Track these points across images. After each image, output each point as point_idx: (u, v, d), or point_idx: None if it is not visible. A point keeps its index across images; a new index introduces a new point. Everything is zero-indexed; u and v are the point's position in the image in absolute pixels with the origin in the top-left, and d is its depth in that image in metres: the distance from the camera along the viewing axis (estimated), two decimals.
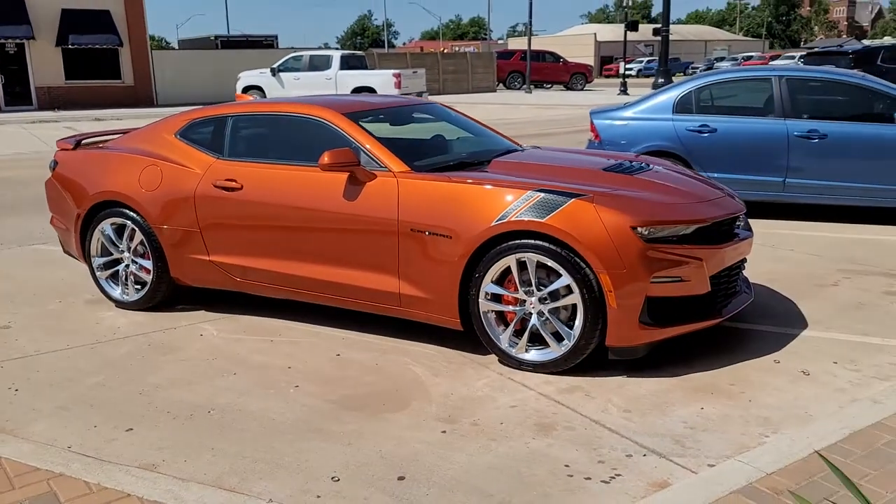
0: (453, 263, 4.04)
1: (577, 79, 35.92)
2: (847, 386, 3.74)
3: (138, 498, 2.76)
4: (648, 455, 3.13)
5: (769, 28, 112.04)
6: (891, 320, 4.67)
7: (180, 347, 4.51)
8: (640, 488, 2.88)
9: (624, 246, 3.71)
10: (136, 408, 3.69)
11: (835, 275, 5.64)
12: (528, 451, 3.20)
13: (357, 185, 4.33)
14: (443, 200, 4.08)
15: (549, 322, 3.93)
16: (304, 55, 23.37)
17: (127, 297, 5.22)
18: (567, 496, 2.85)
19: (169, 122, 5.24)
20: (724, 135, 7.42)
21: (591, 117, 8.14)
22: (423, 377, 4.00)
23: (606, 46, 70.40)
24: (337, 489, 2.94)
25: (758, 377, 3.87)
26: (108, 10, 27.61)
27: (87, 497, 2.77)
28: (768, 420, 3.41)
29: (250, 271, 4.73)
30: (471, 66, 32.71)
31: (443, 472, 3.05)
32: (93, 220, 5.21)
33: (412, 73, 22.62)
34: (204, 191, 4.79)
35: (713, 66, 59.66)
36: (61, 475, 2.93)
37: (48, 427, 3.48)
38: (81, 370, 4.18)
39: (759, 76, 7.57)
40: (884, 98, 7.10)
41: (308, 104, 4.79)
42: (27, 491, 2.82)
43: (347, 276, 4.41)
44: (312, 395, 3.82)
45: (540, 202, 3.85)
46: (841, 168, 7.05)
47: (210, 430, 3.45)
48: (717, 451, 3.13)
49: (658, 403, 3.61)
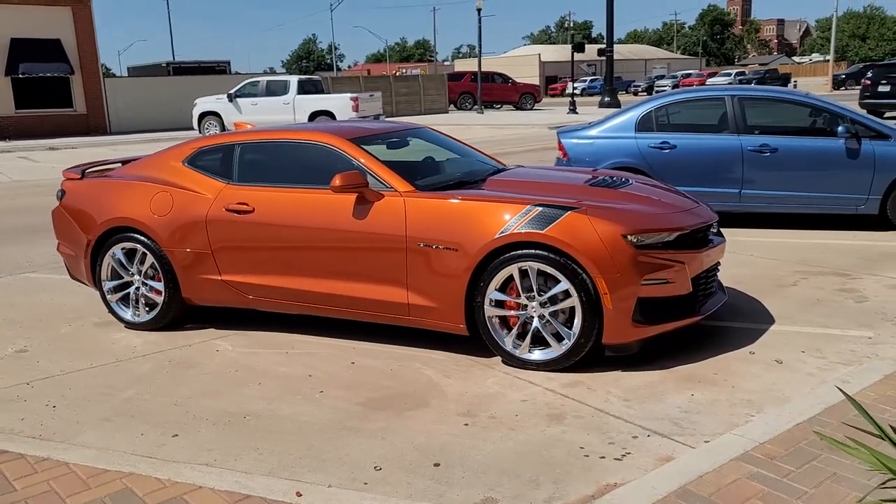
0: (459, 274, 4.41)
1: (526, 99, 36.83)
2: (816, 371, 4.23)
3: (210, 489, 3.05)
4: (652, 436, 3.54)
5: (705, 46, 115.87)
6: (847, 313, 5.20)
7: (200, 362, 4.78)
8: (650, 463, 3.28)
9: (617, 253, 4.15)
10: (175, 417, 3.96)
11: (793, 276, 6.18)
12: (545, 438, 3.58)
13: (365, 205, 4.69)
14: (448, 216, 4.47)
15: (550, 324, 4.34)
16: (261, 81, 23.58)
17: (138, 319, 5.45)
18: (586, 472, 3.24)
19: (175, 151, 5.52)
20: (684, 151, 7.98)
21: (559, 136, 8.64)
22: (436, 379, 4.36)
23: (550, 66, 72.00)
24: (381, 476, 3.27)
25: (737, 367, 4.34)
26: (58, 38, 27.39)
27: (162, 491, 3.05)
28: (751, 402, 3.86)
29: (263, 289, 5.03)
30: (423, 89, 33.32)
31: (473, 458, 3.41)
32: (103, 246, 5.44)
33: (369, 96, 23.03)
34: (215, 214, 5.08)
35: (654, 83, 61.53)
36: (131, 474, 3.20)
37: (98, 437, 3.73)
38: (112, 386, 4.43)
39: (714, 96, 8.17)
40: (826, 114, 7.76)
41: (314, 131, 5.14)
42: (103, 490, 3.09)
43: (358, 289, 4.75)
44: (338, 398, 4.14)
45: (539, 215, 4.27)
46: (791, 179, 7.67)
47: (250, 433, 3.74)
48: (711, 430, 3.56)
49: (653, 392, 4.03)
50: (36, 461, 3.35)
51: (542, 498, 3.04)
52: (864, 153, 7.49)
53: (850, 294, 5.65)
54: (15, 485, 3.15)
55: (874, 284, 5.87)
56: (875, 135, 7.57)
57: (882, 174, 7.47)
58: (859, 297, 5.58)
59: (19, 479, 3.20)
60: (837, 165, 7.56)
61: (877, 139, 7.54)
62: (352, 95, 22.15)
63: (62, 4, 27.35)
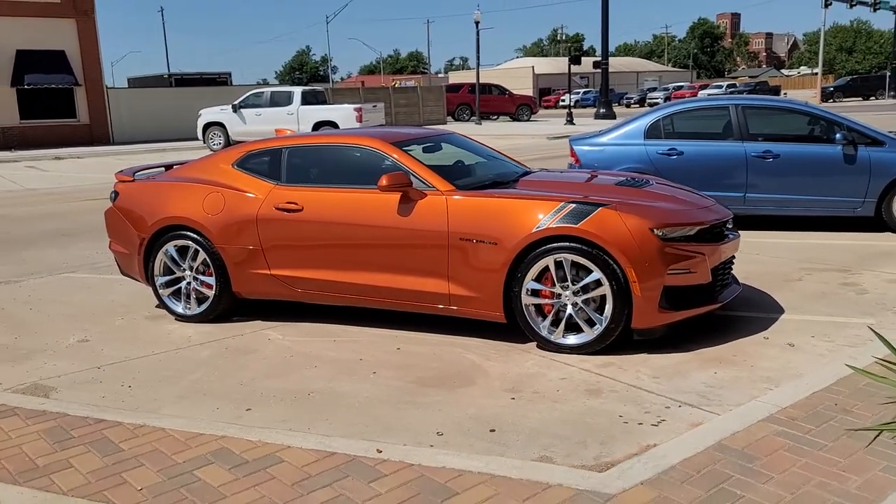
0: (499, 266, 4.81)
1: (522, 110, 37.41)
2: (826, 352, 4.64)
3: (298, 448, 3.43)
4: (683, 406, 3.94)
5: (695, 59, 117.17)
6: (849, 304, 5.63)
7: (255, 349, 5.15)
8: (683, 428, 3.68)
9: (645, 245, 4.56)
10: (244, 395, 4.33)
11: (798, 272, 6.61)
12: (587, 408, 3.98)
13: (409, 203, 5.08)
14: (488, 213, 4.87)
15: (582, 311, 4.74)
16: (265, 92, 24.00)
17: (189, 311, 5.82)
18: (628, 435, 3.63)
19: (224, 155, 5.91)
20: (691, 157, 8.43)
21: (571, 144, 9.07)
22: (478, 362, 4.75)
23: (544, 79, 72.77)
24: (445, 440, 3.65)
25: (753, 349, 4.74)
26: (63, 50, 27.76)
27: (256, 449, 3.43)
28: (770, 378, 4.26)
29: (311, 282, 5.41)
30: (421, 100, 33.84)
31: (524, 425, 3.80)
32: (156, 244, 5.81)
33: (372, 107, 23.48)
34: (266, 213, 5.47)
35: (647, 95, 62.36)
36: (224, 436, 3.57)
37: (178, 410, 4.10)
38: (178, 370, 4.79)
39: (719, 105, 8.63)
40: (824, 122, 8.22)
41: (358, 135, 5.54)
42: (203, 449, 3.46)
43: (402, 281, 5.14)
44: (391, 378, 4.52)
45: (572, 211, 4.68)
46: (792, 183, 8.12)
47: (317, 406, 4.12)
48: (735, 401, 3.96)
49: (679, 371, 4.44)
50: (133, 427, 3.73)
51: (591, 456, 3.43)
52: (860, 159, 7.95)
53: (851, 287, 6.08)
54: (121, 446, 3.52)
55: (873, 279, 6.30)
56: (870, 141, 8.03)
57: (877, 178, 7.92)
58: (860, 290, 6.01)
59: (123, 441, 3.57)
60: (836, 171, 8.02)
61: (872, 146, 8.00)
62: (355, 106, 22.59)
63: (67, 17, 27.74)
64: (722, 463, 3.14)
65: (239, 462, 3.32)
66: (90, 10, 28.29)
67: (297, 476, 3.18)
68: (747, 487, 2.94)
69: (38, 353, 5.20)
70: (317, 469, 3.23)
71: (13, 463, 3.39)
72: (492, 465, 3.24)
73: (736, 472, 3.06)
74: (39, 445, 3.55)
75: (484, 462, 3.27)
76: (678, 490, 2.94)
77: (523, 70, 72.76)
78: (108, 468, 3.31)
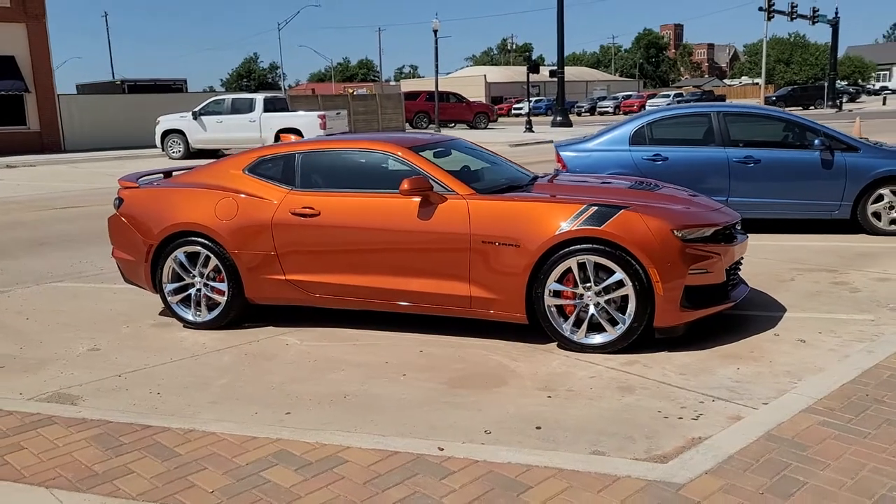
0: (521, 268, 4.90)
1: (480, 118, 37.70)
2: (836, 347, 4.84)
3: (358, 448, 3.45)
4: (716, 401, 4.08)
5: (641, 69, 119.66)
6: (845, 302, 5.88)
7: (276, 355, 5.14)
8: (722, 421, 3.81)
9: (667, 246, 4.70)
10: (278, 399, 4.33)
11: (789, 272, 6.87)
12: (624, 405, 4.08)
13: (429, 207, 5.14)
14: (511, 216, 4.96)
15: (604, 310, 4.86)
16: (226, 98, 23.69)
17: (199, 318, 5.76)
18: (671, 429, 3.75)
19: (235, 160, 5.88)
20: (675, 162, 8.67)
21: (557, 149, 9.24)
22: (504, 362, 4.83)
23: (496, 87, 73.42)
24: (494, 437, 3.71)
25: (768, 346, 4.93)
26: (12, 55, 26.94)
27: (316, 450, 3.44)
28: (791, 373, 4.44)
29: (328, 286, 5.41)
30: (380, 107, 33.83)
31: (567, 422, 3.89)
32: (164, 250, 5.74)
33: (336, 114, 23.39)
34: (281, 218, 5.46)
35: (597, 104, 63.46)
36: (279, 439, 3.57)
37: (216, 415, 4.07)
38: (202, 376, 4.75)
39: (700, 112, 8.90)
40: (803, 129, 8.56)
41: (374, 141, 5.58)
42: (261, 451, 3.45)
43: (422, 284, 5.18)
44: (422, 380, 4.56)
45: (595, 214, 4.80)
46: (773, 187, 8.42)
47: (357, 409, 4.14)
48: (764, 395, 4.12)
49: (703, 368, 4.58)
50: (184, 432, 3.70)
51: (641, 449, 3.53)
52: (836, 164, 8.30)
53: (843, 286, 6.35)
54: (177, 451, 3.49)
55: (861, 278, 6.59)
56: (846, 147, 8.39)
57: (853, 183, 8.28)
58: (852, 288, 6.27)
59: (178, 446, 3.54)
60: (814, 175, 8.34)
61: (847, 151, 8.36)
62: (319, 113, 22.47)
63: (17, 21, 26.97)
64: (776, 452, 3.28)
65: (303, 463, 3.33)
66: (41, 14, 27.56)
67: (366, 475, 3.20)
68: (808, 474, 3.08)
69: (50, 363, 5.09)
70: (384, 468, 3.26)
71: (69, 470, 3.33)
72: (556, 459, 3.32)
73: (792, 461, 3.19)
74: (91, 452, 3.50)
75: (548, 457, 3.34)
76: (742, 478, 3.06)
77: (475, 78, 73.27)
78: (171, 472, 3.28)
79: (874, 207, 8.34)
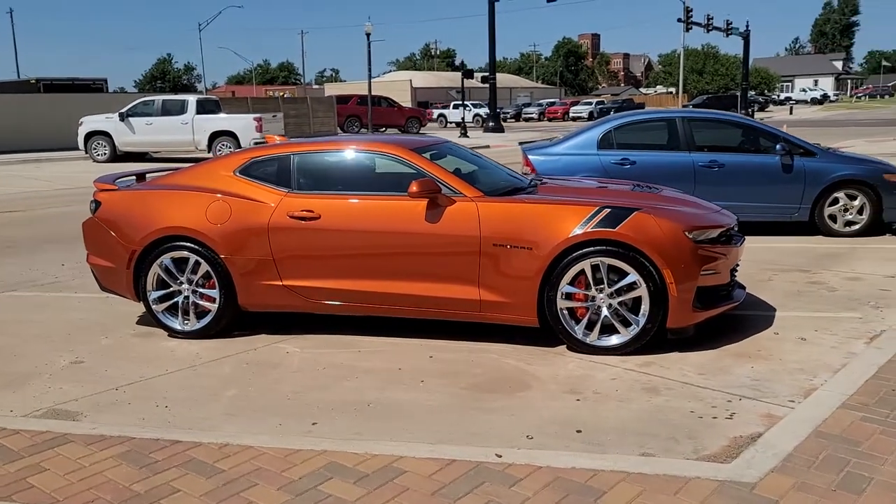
0: (534, 270, 4.86)
1: (412, 122, 37.64)
2: (836, 344, 4.99)
3: (411, 457, 3.32)
4: (743, 399, 4.13)
5: (561, 77, 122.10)
6: (827, 301, 6.08)
7: (279, 363, 4.93)
8: (756, 419, 3.86)
9: (680, 247, 4.75)
10: (299, 409, 4.14)
11: (764, 273, 7.07)
12: (654, 406, 4.09)
13: (437, 210, 5.04)
14: (523, 219, 4.91)
15: (617, 312, 4.87)
16: (156, 100, 22.81)
17: (187, 327, 5.48)
18: (710, 429, 3.77)
19: (225, 161, 5.63)
20: (643, 166, 8.81)
21: (526, 153, 9.26)
22: (520, 366, 4.77)
23: (422, 92, 73.51)
24: (538, 443, 3.65)
25: (772, 345, 5.04)
26: None
27: (369, 461, 3.29)
28: (803, 370, 4.54)
29: (329, 292, 5.23)
30: (311, 111, 33.29)
31: (604, 424, 3.86)
32: (149, 256, 5.44)
33: (272, 116, 22.87)
34: (278, 222, 5.25)
35: (522, 111, 64.35)
36: (324, 451, 3.40)
37: (239, 427, 3.86)
38: (207, 387, 4.51)
39: (666, 117, 9.09)
40: (764, 135, 8.85)
41: (376, 142, 5.45)
42: (310, 464, 3.28)
43: (429, 288, 5.07)
44: (442, 385, 4.46)
45: (608, 215, 4.80)
46: (737, 191, 8.66)
47: (385, 416, 4.00)
48: (787, 392, 4.20)
49: (719, 367, 4.64)
50: (218, 446, 3.49)
51: (689, 450, 3.54)
52: (796, 168, 8.61)
53: (820, 286, 6.57)
54: (218, 466, 3.28)
55: (833, 277, 6.84)
56: (803, 152, 8.72)
57: (811, 187, 8.61)
58: (829, 287, 6.50)
59: (218, 461, 3.33)
60: (775, 179, 8.63)
61: (805, 156, 8.69)
62: (255, 116, 21.93)
63: None
64: (832, 449, 3.33)
65: (359, 475, 3.18)
66: None
67: (431, 485, 3.08)
68: (871, 470, 3.14)
69: (34, 378, 4.75)
70: (446, 477, 3.15)
71: (107, 491, 3.08)
72: (620, 462, 3.28)
73: (851, 457, 3.25)
74: (125, 471, 3.25)
75: (611, 460, 3.30)
76: (810, 475, 3.10)
77: (401, 83, 73.22)
78: (220, 490, 3.08)
79: (830, 210, 8.69)
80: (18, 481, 3.18)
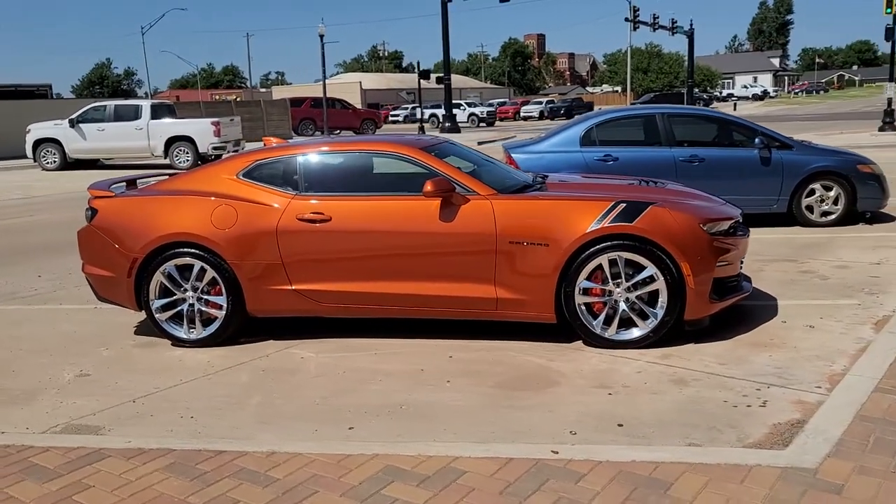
0: (551, 267, 4.86)
1: (367, 124, 37.42)
2: (845, 331, 5.11)
3: (467, 457, 3.28)
4: (771, 387, 4.20)
5: (509, 77, 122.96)
6: (821, 289, 6.22)
7: (297, 369, 4.83)
8: (790, 406, 3.92)
9: (697, 239, 4.81)
10: (331, 414, 4.06)
11: (754, 264, 7.20)
12: (686, 397, 4.12)
13: (451, 209, 5.01)
14: (540, 216, 4.91)
15: (635, 306, 4.90)
16: (108, 105, 22.19)
17: (193, 336, 5.33)
18: (748, 418, 3.82)
19: (228, 165, 5.49)
20: (625, 162, 8.91)
21: (509, 151, 9.28)
22: (542, 363, 4.76)
23: (372, 94, 73.19)
24: (582, 437, 3.65)
25: (783, 333, 5.13)
26: None
27: (426, 463, 3.24)
28: (820, 356, 4.64)
29: (341, 295, 5.15)
30: (265, 114, 32.85)
31: (644, 417, 3.88)
32: (151, 264, 5.28)
33: (230, 120, 22.45)
34: (287, 225, 5.15)
35: None
36: (375, 455, 3.34)
37: (275, 435, 3.77)
38: (229, 396, 4.40)
39: (646, 114, 9.22)
40: (743, 130, 9.04)
41: (385, 143, 5.38)
42: (367, 469, 3.21)
43: (445, 288, 5.03)
44: (470, 384, 4.42)
45: (625, 210, 4.84)
46: (718, 184, 8.78)
47: (421, 417, 3.95)
48: (811, 378, 4.28)
49: (738, 357, 4.71)
50: (265, 455, 3.39)
51: (734, 438, 3.58)
52: (774, 161, 8.81)
53: (811, 275, 6.73)
54: (272, 475, 3.19)
55: (822, 266, 7.01)
56: (781, 145, 8.93)
57: (789, 179, 8.82)
58: (820, 276, 6.66)
59: (269, 470, 3.24)
60: (754, 172, 8.82)
61: (782, 149, 8.90)
62: (212, 120, 21.52)
63: None
64: (879, 432, 3.41)
65: (420, 477, 3.13)
66: None
67: (497, 485, 3.05)
68: None
69: (40, 393, 4.56)
70: (509, 475, 3.12)
71: None
72: (678, 454, 3.30)
73: None
74: (176, 484, 3.13)
75: (668, 452, 3.32)
76: (867, 458, 3.16)
77: (351, 85, 72.72)
78: (281, 498, 3.00)
79: (807, 201, 8.92)
80: (64, 500, 3.05)
